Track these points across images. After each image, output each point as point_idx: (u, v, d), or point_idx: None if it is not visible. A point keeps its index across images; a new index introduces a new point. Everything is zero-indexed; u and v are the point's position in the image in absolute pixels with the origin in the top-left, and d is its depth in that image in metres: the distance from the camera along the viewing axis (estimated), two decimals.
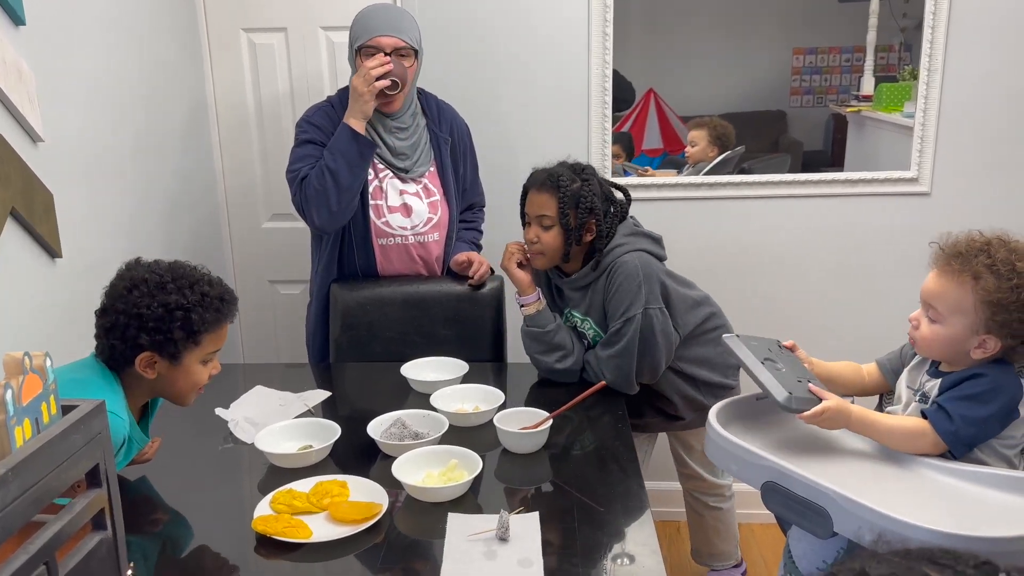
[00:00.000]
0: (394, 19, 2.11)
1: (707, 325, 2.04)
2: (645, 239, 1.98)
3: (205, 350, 1.50)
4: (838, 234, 2.72)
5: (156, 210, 2.37)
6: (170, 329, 1.43)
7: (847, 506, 1.12)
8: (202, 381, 1.53)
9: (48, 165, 1.83)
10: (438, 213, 2.26)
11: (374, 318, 2.23)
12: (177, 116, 2.51)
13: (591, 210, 1.88)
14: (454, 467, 1.55)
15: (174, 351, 1.45)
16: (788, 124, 4.14)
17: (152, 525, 1.49)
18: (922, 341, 1.41)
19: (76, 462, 0.98)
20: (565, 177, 1.90)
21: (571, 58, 2.62)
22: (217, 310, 1.49)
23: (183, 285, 1.46)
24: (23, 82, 1.74)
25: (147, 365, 1.46)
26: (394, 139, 2.19)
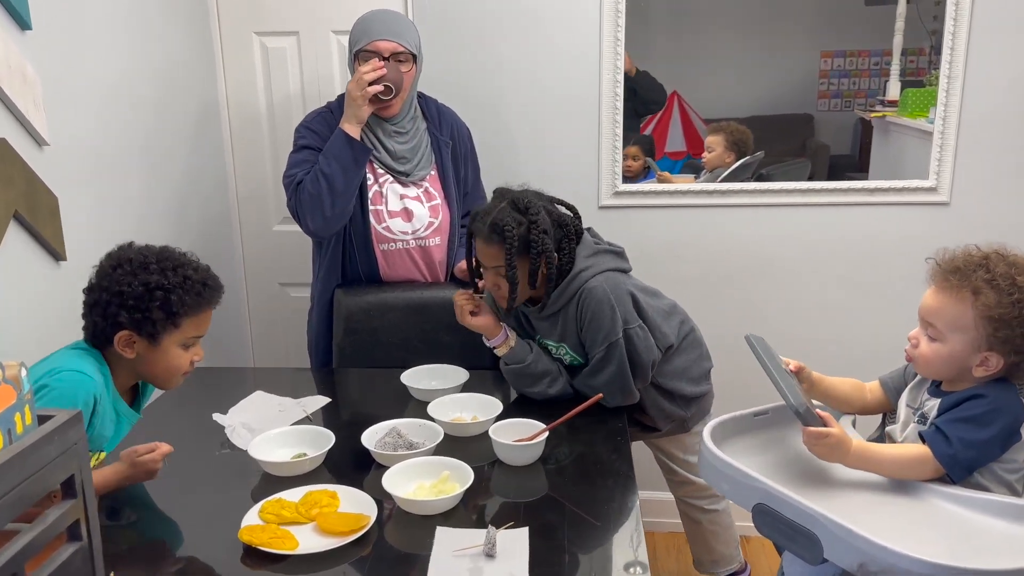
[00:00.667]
0: (392, 24, 2.11)
1: (681, 332, 2.01)
2: (607, 256, 1.92)
3: (185, 333, 1.51)
4: (853, 244, 2.67)
5: (164, 213, 2.38)
6: (149, 308, 1.45)
7: (837, 532, 1.09)
8: (183, 366, 1.54)
9: (54, 168, 1.85)
10: (439, 217, 2.24)
11: (377, 324, 2.22)
12: (187, 119, 2.52)
13: (542, 252, 1.80)
14: (446, 479, 1.53)
15: (152, 331, 1.47)
16: (815, 128, 4.08)
17: (140, 530, 1.49)
18: (921, 360, 1.37)
19: (50, 472, 0.98)
20: (510, 224, 1.77)
21: (582, 62, 2.59)
22: (198, 294, 1.51)
23: (166, 267, 1.49)
24: (28, 86, 1.75)
25: (126, 344, 1.48)
26: (394, 143, 2.19)
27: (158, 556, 1.40)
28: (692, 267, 2.72)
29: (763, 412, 1.47)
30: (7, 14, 1.70)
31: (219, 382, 2.20)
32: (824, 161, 4.10)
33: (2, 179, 1.67)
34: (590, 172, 2.66)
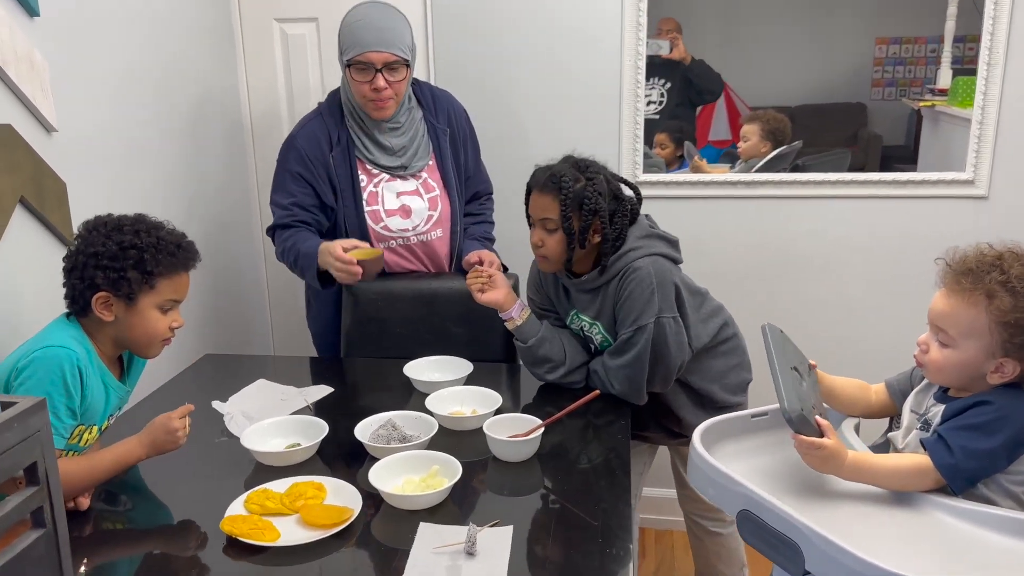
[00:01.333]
0: (383, 31, 2.01)
1: (720, 336, 1.94)
2: (660, 242, 1.88)
3: (162, 295, 1.52)
4: (885, 239, 2.56)
5: (180, 199, 2.39)
6: (123, 268, 1.47)
7: (820, 544, 1.03)
8: (162, 330, 1.55)
9: (62, 155, 1.86)
10: (439, 209, 2.21)
11: (386, 314, 2.20)
12: (205, 106, 2.52)
13: (595, 212, 1.78)
14: (435, 473, 1.50)
15: (129, 291, 1.48)
16: (868, 117, 3.95)
17: (128, 517, 1.49)
18: (932, 366, 1.29)
19: (10, 459, 0.97)
20: (568, 177, 1.78)
21: (603, 48, 2.53)
22: (171, 254, 1.52)
23: (140, 228, 1.52)
24: (36, 72, 1.76)
25: (104, 306, 1.49)
26: (388, 138, 2.15)
27: (140, 543, 1.40)
28: (716, 261, 2.65)
29: (761, 414, 1.41)
30: (15, 0, 1.71)
31: (228, 369, 2.21)
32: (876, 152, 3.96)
33: (8, 165, 1.69)
34: (610, 162, 2.58)
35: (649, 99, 2.91)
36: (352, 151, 2.14)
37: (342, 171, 2.12)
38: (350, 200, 2.14)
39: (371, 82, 2.03)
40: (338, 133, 2.13)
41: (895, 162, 3.83)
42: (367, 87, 2.04)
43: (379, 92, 2.04)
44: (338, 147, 2.12)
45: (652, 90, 2.89)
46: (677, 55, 3.54)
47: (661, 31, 3.36)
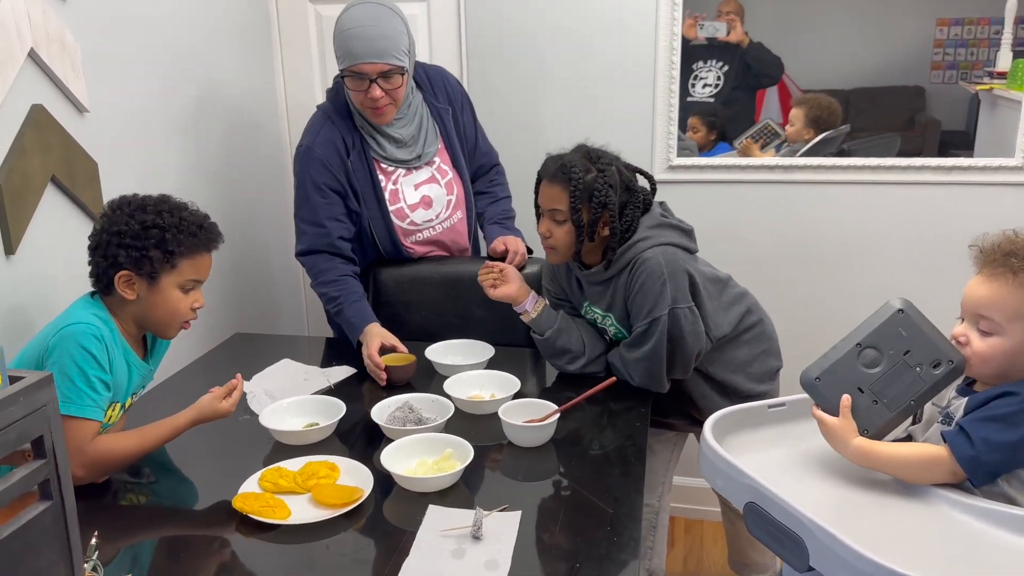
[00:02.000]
0: (375, 39, 1.93)
1: (744, 324, 1.89)
2: (672, 231, 1.83)
3: (183, 275, 1.54)
4: (929, 226, 2.48)
5: (213, 179, 2.42)
6: (145, 247, 1.49)
7: (824, 539, 1.00)
8: (183, 311, 1.56)
9: (94, 135, 1.89)
10: (455, 192, 2.20)
11: (411, 297, 2.20)
12: (238, 88, 2.55)
13: (605, 204, 1.74)
14: (448, 456, 1.50)
15: (151, 270, 1.50)
16: (927, 101, 3.84)
17: (143, 490, 1.52)
18: (977, 358, 1.23)
19: (16, 432, 0.99)
20: (578, 167, 1.75)
21: (637, 29, 2.48)
22: (193, 235, 1.53)
23: (163, 209, 1.53)
24: (67, 53, 1.79)
25: (126, 284, 1.51)
26: (396, 131, 2.11)
27: (153, 517, 1.43)
28: (751, 247, 2.59)
29: (779, 404, 1.37)
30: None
31: (256, 348, 2.24)
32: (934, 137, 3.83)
33: (40, 145, 1.72)
34: (643, 145, 2.56)
35: (705, 82, 2.86)
36: (368, 152, 2.11)
37: (361, 175, 2.10)
38: (373, 203, 2.13)
39: (366, 92, 1.98)
40: (351, 137, 2.09)
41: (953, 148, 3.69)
42: (363, 96, 1.99)
43: (375, 101, 1.99)
44: (354, 151, 2.09)
45: (709, 72, 2.84)
46: (735, 37, 3.46)
47: (721, 13, 3.29)
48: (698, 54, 2.96)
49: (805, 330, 2.59)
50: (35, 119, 1.71)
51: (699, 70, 2.99)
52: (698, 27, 2.81)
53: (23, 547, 1.02)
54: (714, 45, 2.74)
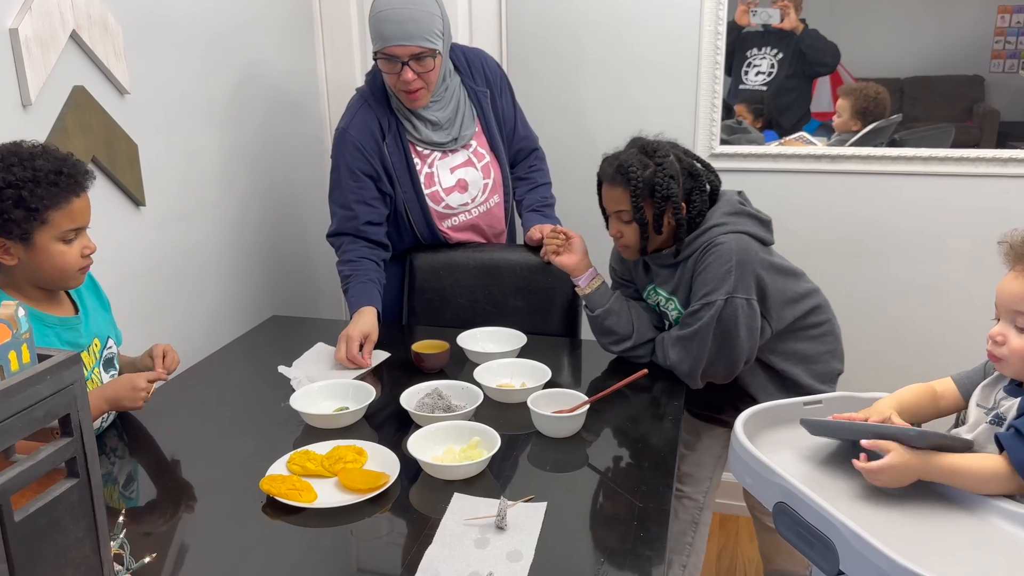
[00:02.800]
0: (406, 22, 1.92)
1: (808, 320, 1.84)
2: (749, 220, 1.79)
3: (58, 228, 1.42)
4: (980, 220, 2.39)
5: (252, 162, 2.43)
6: (5, 209, 1.36)
7: (854, 543, 0.96)
8: (72, 261, 1.46)
9: (134, 117, 1.91)
10: (492, 175, 2.18)
11: (447, 283, 2.20)
12: (282, 73, 2.56)
13: (668, 197, 1.72)
14: (475, 444, 1.49)
15: (21, 232, 1.39)
16: (985, 91, 3.73)
17: (173, 469, 1.54)
18: (1016, 357, 1.18)
19: (43, 409, 1.00)
20: (635, 165, 1.72)
21: (681, 13, 2.43)
22: (54, 183, 1.39)
23: (12, 163, 1.38)
24: (109, 35, 1.81)
25: (2, 251, 1.41)
26: (432, 113, 2.10)
27: (181, 496, 1.44)
28: (796, 238, 2.52)
29: (815, 401, 1.33)
30: None
31: (292, 331, 2.25)
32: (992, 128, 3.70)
33: (81, 126, 1.74)
34: (685, 133, 2.51)
35: (758, 69, 2.80)
36: (403, 135, 2.11)
37: (396, 158, 2.10)
38: (408, 186, 2.12)
39: (399, 74, 1.97)
40: (388, 120, 2.09)
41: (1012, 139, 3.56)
42: (395, 78, 1.99)
43: (408, 84, 1.98)
44: (390, 134, 2.09)
45: (762, 60, 2.78)
46: (788, 24, 3.37)
47: (776, 0, 3.22)
48: (752, 41, 2.89)
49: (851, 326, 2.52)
50: (76, 100, 1.73)
51: (752, 57, 2.92)
52: (751, 13, 2.75)
53: (49, 523, 1.04)
54: (768, 32, 2.68)
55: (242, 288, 2.40)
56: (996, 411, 1.20)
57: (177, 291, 2.11)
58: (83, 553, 1.08)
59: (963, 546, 1.04)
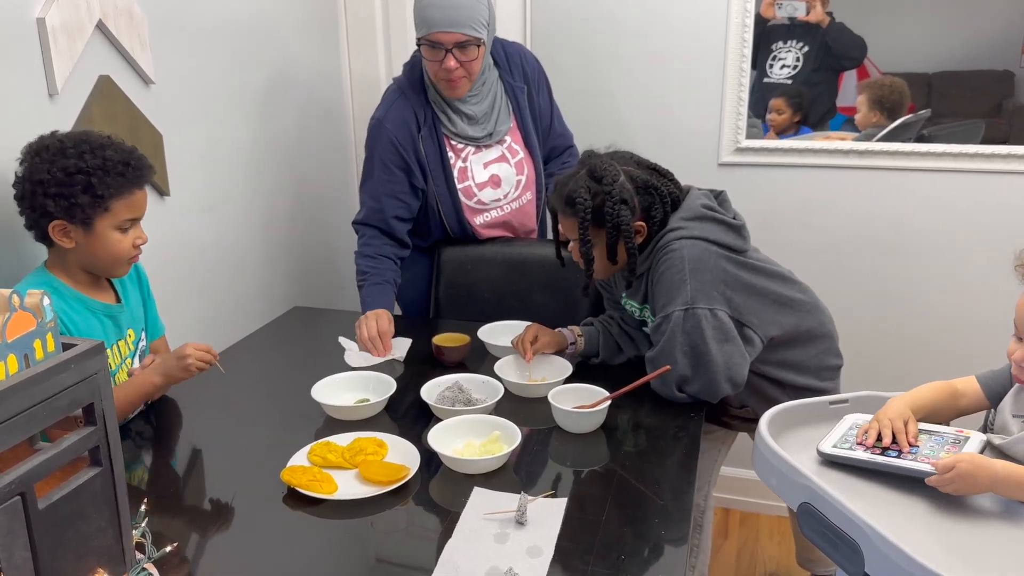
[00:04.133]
0: (453, 8, 1.92)
1: (800, 328, 1.76)
2: (712, 224, 1.68)
3: (118, 216, 1.49)
4: (1013, 216, 2.34)
5: (276, 153, 2.43)
6: (73, 194, 1.43)
7: (880, 545, 0.94)
8: (125, 250, 1.53)
9: (159, 107, 1.92)
10: (525, 172, 2.18)
11: (474, 278, 2.20)
12: (307, 66, 2.55)
13: (618, 226, 1.64)
14: (496, 439, 1.49)
15: (84, 217, 1.45)
16: (1016, 87, 3.67)
17: (196, 459, 1.54)
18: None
19: (67, 398, 1.01)
20: (582, 196, 1.64)
21: (707, 5, 2.41)
22: (120, 174, 1.47)
23: (84, 150, 1.45)
24: (135, 25, 1.82)
25: (62, 233, 1.47)
26: (468, 107, 2.10)
27: (203, 485, 1.45)
28: (821, 234, 2.49)
29: (841, 401, 1.31)
30: None
31: (314, 321, 2.26)
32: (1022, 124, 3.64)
33: (105, 115, 1.75)
34: (710, 126, 2.48)
35: (784, 63, 2.76)
36: (439, 128, 2.10)
37: (431, 151, 2.10)
38: (441, 180, 2.12)
39: (442, 62, 1.97)
40: (424, 112, 2.09)
41: None
42: (438, 66, 1.98)
43: (450, 72, 1.98)
44: (425, 127, 2.09)
45: (788, 53, 2.74)
46: (814, 17, 3.33)
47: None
48: (777, 34, 2.85)
49: (879, 324, 2.49)
50: (102, 90, 1.74)
51: (778, 51, 2.88)
52: (776, 6, 2.71)
53: (73, 511, 1.04)
54: (795, 25, 2.64)
55: (265, 279, 2.40)
56: None
57: (201, 281, 2.12)
58: (105, 541, 1.09)
59: (992, 551, 1.02)
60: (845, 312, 2.00)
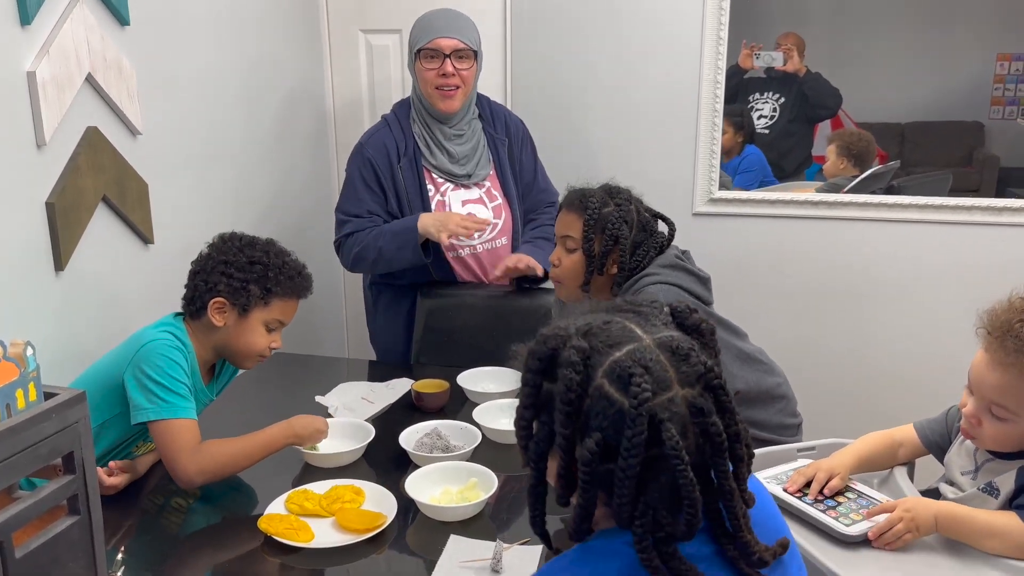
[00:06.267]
0: (453, 21, 2.11)
1: (761, 385, 1.79)
2: (685, 275, 1.76)
3: (272, 314, 1.62)
4: (981, 269, 2.41)
5: (261, 200, 2.47)
6: (247, 279, 1.57)
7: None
8: (262, 346, 1.63)
9: (146, 156, 1.96)
10: (502, 217, 2.23)
11: (454, 324, 2.22)
12: (290, 113, 2.61)
13: (616, 238, 1.72)
14: (473, 486, 1.50)
15: (245, 302, 1.58)
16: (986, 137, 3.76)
17: (173, 507, 1.54)
18: (991, 441, 1.20)
19: (48, 447, 1.02)
20: (595, 198, 1.75)
21: (681, 60, 2.49)
22: (291, 278, 1.63)
23: (270, 249, 1.63)
24: (123, 78, 1.86)
25: (218, 310, 1.58)
26: (453, 145, 2.18)
27: (181, 534, 1.45)
28: (794, 283, 2.55)
29: (808, 448, 1.34)
30: (107, 11, 1.82)
31: (296, 368, 2.27)
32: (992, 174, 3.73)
33: (93, 165, 1.79)
34: (684, 176, 2.55)
35: (761, 113, 2.85)
36: (419, 160, 2.17)
37: (410, 181, 2.16)
38: (419, 210, 2.17)
39: (440, 68, 2.08)
40: (405, 143, 2.17)
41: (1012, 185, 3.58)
42: (435, 74, 2.09)
43: (447, 78, 2.09)
44: (405, 157, 2.16)
45: (765, 104, 2.83)
46: (791, 67, 3.43)
47: (779, 45, 3.28)
48: (754, 86, 2.94)
49: (845, 372, 2.54)
50: (90, 140, 1.78)
51: (755, 102, 2.96)
52: (754, 57, 2.80)
53: (50, 560, 1.05)
54: (771, 77, 2.73)
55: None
56: (988, 481, 1.20)
57: None
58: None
59: None
60: (815, 357, 2.05)
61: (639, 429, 0.77)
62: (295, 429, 1.59)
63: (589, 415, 0.82)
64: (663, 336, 0.84)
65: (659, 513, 0.80)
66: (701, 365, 0.82)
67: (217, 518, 1.52)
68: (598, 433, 0.80)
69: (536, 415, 0.89)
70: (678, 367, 0.81)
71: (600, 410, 0.81)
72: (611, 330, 0.85)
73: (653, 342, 0.83)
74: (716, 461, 0.81)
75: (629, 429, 0.78)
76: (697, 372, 0.82)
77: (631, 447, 0.78)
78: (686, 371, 0.81)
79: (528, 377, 0.89)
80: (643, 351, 0.82)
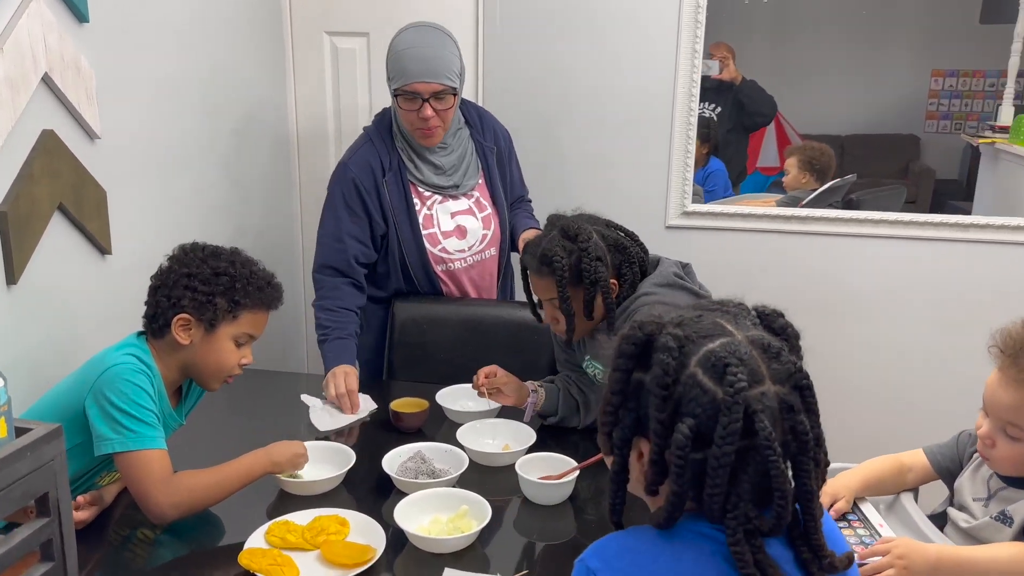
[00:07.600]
0: (430, 60, 1.96)
1: None
2: (682, 293, 1.69)
3: (241, 328, 1.51)
4: (945, 284, 2.45)
5: (222, 209, 2.37)
6: (212, 292, 1.46)
7: None
8: (231, 363, 1.52)
9: (104, 162, 1.84)
10: (492, 227, 2.18)
11: (430, 338, 2.15)
12: (251, 118, 2.51)
13: (596, 281, 1.65)
14: (464, 514, 1.44)
15: (212, 317, 1.47)
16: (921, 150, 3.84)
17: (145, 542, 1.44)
18: (1004, 463, 1.19)
19: (20, 489, 0.93)
20: (559, 255, 1.63)
21: (656, 73, 2.47)
22: (260, 289, 1.52)
23: (236, 260, 1.52)
24: (82, 79, 1.75)
25: (183, 327, 1.47)
26: (438, 158, 2.11)
27: (148, 569, 1.36)
28: (763, 295, 2.53)
29: None
30: (65, 6, 1.71)
31: (260, 384, 2.17)
32: (928, 186, 3.81)
33: (48, 171, 1.67)
34: (657, 190, 2.53)
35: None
36: (404, 175, 2.09)
37: (396, 197, 2.08)
38: (406, 226, 2.10)
39: (418, 111, 1.98)
40: (389, 158, 2.09)
41: (948, 197, 3.67)
42: (414, 115, 2.00)
43: (426, 121, 1.99)
44: (390, 172, 2.08)
45: (702, 114, 2.82)
46: (728, 75, 3.44)
47: (712, 55, 3.28)
48: None
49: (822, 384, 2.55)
50: (45, 145, 1.66)
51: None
52: None
53: None
54: (707, 87, 2.73)
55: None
56: (1002, 509, 1.19)
57: None
58: None
59: None
60: None
61: (735, 417, 0.79)
62: (273, 457, 1.50)
63: (680, 402, 0.83)
64: (754, 334, 0.87)
65: (748, 506, 0.81)
66: (791, 364, 0.85)
67: (185, 550, 1.42)
68: (691, 419, 0.82)
69: (624, 402, 0.90)
70: (769, 364, 0.84)
71: (693, 397, 0.82)
72: (703, 323, 0.88)
73: (745, 338, 0.86)
74: (801, 460, 0.83)
75: (725, 416, 0.79)
76: (788, 371, 0.84)
77: (726, 435, 0.79)
78: (777, 368, 0.84)
79: (620, 362, 0.89)
80: (737, 344, 0.84)
